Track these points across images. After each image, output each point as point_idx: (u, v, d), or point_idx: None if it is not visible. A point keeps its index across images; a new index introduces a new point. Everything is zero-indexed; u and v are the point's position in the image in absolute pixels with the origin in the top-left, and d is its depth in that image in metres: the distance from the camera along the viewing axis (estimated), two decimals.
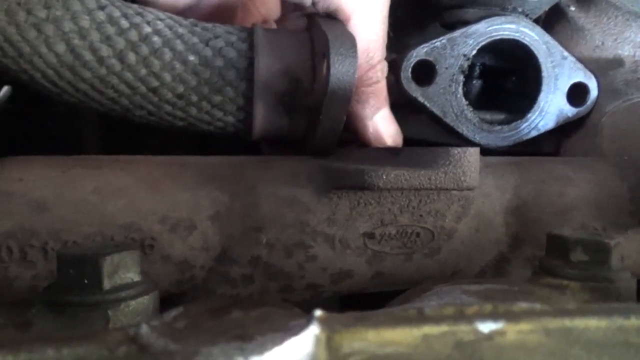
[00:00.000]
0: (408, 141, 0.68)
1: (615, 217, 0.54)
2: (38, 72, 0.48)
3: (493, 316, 0.18)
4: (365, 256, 0.51)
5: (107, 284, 0.26)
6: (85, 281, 0.25)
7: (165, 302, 0.52)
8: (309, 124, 0.53)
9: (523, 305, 0.19)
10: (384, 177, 0.45)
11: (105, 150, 0.86)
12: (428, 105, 0.59)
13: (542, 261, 0.36)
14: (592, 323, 0.19)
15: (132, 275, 0.28)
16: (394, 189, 0.47)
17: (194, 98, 0.50)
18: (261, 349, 0.17)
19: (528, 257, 0.55)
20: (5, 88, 0.96)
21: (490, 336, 0.18)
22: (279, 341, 0.18)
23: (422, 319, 0.19)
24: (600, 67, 0.65)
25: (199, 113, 0.52)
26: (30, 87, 0.50)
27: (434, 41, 0.59)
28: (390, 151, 0.49)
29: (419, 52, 0.58)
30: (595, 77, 0.63)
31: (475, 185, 0.47)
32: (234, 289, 0.51)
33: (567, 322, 0.19)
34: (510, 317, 0.19)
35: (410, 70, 0.58)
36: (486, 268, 0.55)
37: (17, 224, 0.43)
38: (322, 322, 0.19)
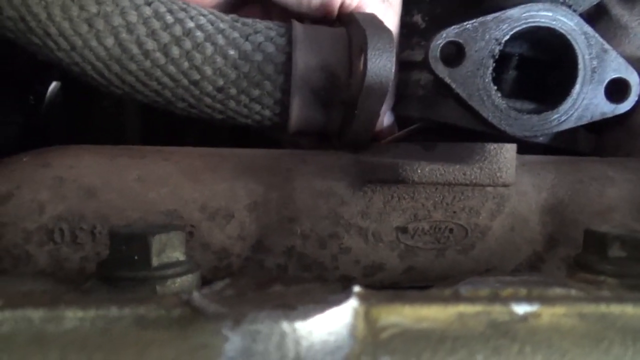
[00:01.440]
0: (436, 124, 0.68)
1: None
2: (88, 65, 0.51)
3: (528, 299, 0.19)
4: (398, 250, 0.52)
5: (155, 261, 0.28)
6: (135, 257, 0.27)
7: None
8: (344, 118, 0.54)
9: (558, 290, 0.20)
10: (419, 171, 0.45)
11: (145, 143, 0.89)
12: (454, 86, 0.58)
13: (578, 257, 0.36)
14: (629, 310, 0.19)
15: (178, 255, 0.29)
16: (429, 184, 0.47)
17: (233, 91, 0.52)
18: (304, 316, 0.18)
19: (564, 257, 0.54)
20: (54, 84, 1.01)
21: (524, 317, 0.19)
22: (321, 310, 0.19)
23: (457, 298, 0.20)
24: None
25: (237, 106, 0.54)
26: (80, 78, 0.53)
27: (465, 23, 0.58)
28: (425, 146, 0.50)
29: (449, 33, 0.58)
30: (639, 74, 0.61)
31: (511, 181, 0.47)
32: None
33: (603, 308, 0.19)
34: (546, 300, 0.19)
35: (439, 50, 0.58)
36: (520, 267, 0.54)
37: (68, 208, 0.46)
38: (361, 296, 0.20)
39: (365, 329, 0.19)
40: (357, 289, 0.20)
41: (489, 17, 0.59)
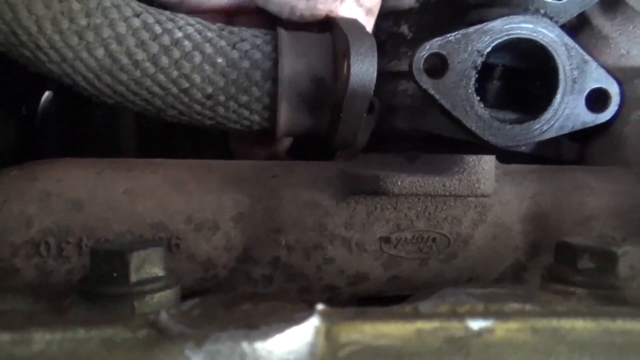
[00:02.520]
0: (423, 135, 0.69)
1: (637, 227, 0.54)
2: (79, 76, 0.52)
3: (484, 315, 0.20)
4: (381, 260, 0.52)
5: (133, 278, 0.28)
6: (114, 274, 0.28)
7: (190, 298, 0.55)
8: (331, 121, 0.55)
9: (514, 305, 0.20)
10: (399, 183, 0.46)
11: (140, 152, 0.90)
12: (438, 97, 0.59)
13: (550, 268, 0.37)
14: (579, 324, 0.19)
15: (157, 270, 0.30)
16: (410, 195, 0.48)
17: (222, 98, 0.54)
18: (265, 336, 0.19)
19: (546, 265, 0.55)
20: (47, 94, 1.02)
21: (479, 333, 0.19)
22: (282, 329, 0.19)
23: (416, 315, 0.20)
24: (625, 75, 0.65)
25: (226, 112, 0.55)
26: (71, 89, 0.54)
27: (448, 35, 0.59)
28: (409, 157, 0.51)
29: (433, 45, 0.59)
30: (619, 84, 0.62)
31: (489, 192, 0.48)
32: (255, 289, 0.53)
33: (554, 322, 0.20)
34: (500, 315, 0.20)
35: (422, 61, 0.59)
36: (503, 275, 0.55)
37: (55, 221, 0.47)
38: (323, 314, 0.21)
39: (325, 347, 0.20)
40: (320, 307, 0.21)
41: (471, 29, 0.60)
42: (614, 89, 0.62)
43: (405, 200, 0.51)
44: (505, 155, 0.61)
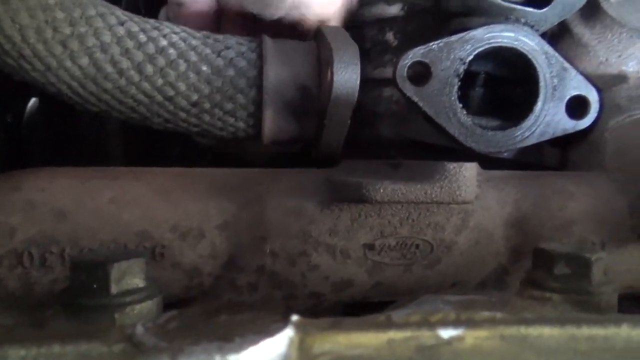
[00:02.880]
0: (408, 141, 0.70)
1: (616, 232, 0.55)
2: (64, 84, 0.52)
3: (454, 323, 0.20)
4: (366, 266, 0.53)
5: (114, 289, 0.29)
6: (95, 286, 0.28)
7: (176, 307, 0.55)
8: (316, 128, 0.56)
9: (484, 313, 0.21)
10: (382, 190, 0.47)
11: (127, 159, 0.90)
12: (421, 104, 0.61)
13: (528, 274, 0.37)
14: (546, 331, 0.20)
15: (138, 282, 0.30)
16: (393, 202, 0.49)
17: (207, 105, 0.54)
18: (238, 349, 0.19)
19: (525, 271, 0.56)
20: (33, 101, 1.02)
21: (449, 341, 0.20)
22: (255, 341, 0.20)
23: (389, 324, 0.21)
24: (604, 83, 0.66)
25: (212, 119, 0.55)
26: (56, 97, 0.55)
27: (431, 44, 0.61)
28: (391, 164, 0.51)
29: (416, 53, 0.60)
30: (598, 91, 0.63)
31: (470, 199, 0.49)
32: (240, 296, 0.53)
33: (522, 330, 0.20)
34: (470, 324, 0.20)
35: (405, 70, 0.60)
36: (486, 280, 0.56)
37: (38, 231, 0.47)
38: (297, 325, 0.22)
39: (299, 358, 0.20)
40: (295, 318, 0.21)
41: (453, 37, 0.62)
42: (593, 96, 0.63)
43: (388, 207, 0.52)
44: (488, 161, 0.62)
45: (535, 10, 0.63)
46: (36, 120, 1.02)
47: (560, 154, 0.69)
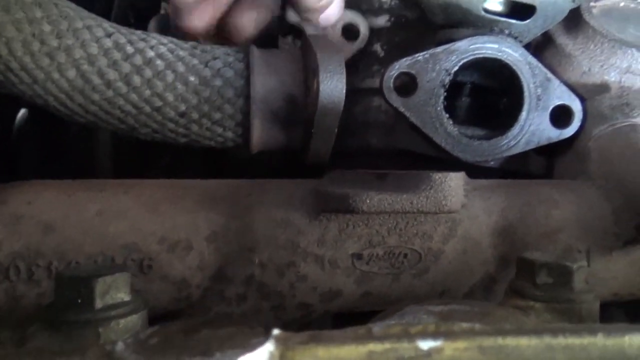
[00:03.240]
0: (397, 151, 0.71)
1: (601, 239, 0.56)
2: (51, 96, 0.52)
3: (434, 335, 0.20)
4: (354, 276, 0.53)
5: (98, 304, 0.29)
6: (79, 301, 0.28)
7: (165, 319, 0.54)
8: (304, 137, 0.56)
9: (463, 325, 0.21)
10: (368, 201, 0.47)
11: (116, 169, 0.90)
12: (408, 115, 0.62)
13: (511, 283, 0.38)
14: (523, 341, 0.20)
15: (123, 296, 0.30)
16: (379, 213, 0.49)
17: (195, 115, 0.54)
18: None
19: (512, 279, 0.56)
20: (22, 112, 1.01)
21: (428, 353, 0.20)
22: (236, 356, 0.20)
23: (369, 337, 0.21)
24: (588, 92, 0.67)
25: (200, 129, 0.56)
26: (43, 109, 0.55)
27: (417, 55, 0.62)
28: (378, 175, 0.52)
29: (402, 65, 0.61)
30: (581, 101, 0.65)
31: (456, 208, 0.49)
32: (229, 308, 0.53)
33: (500, 341, 0.20)
34: (449, 335, 0.21)
35: (392, 81, 0.61)
36: (474, 288, 0.56)
37: (24, 245, 0.47)
38: (278, 339, 0.22)
39: None
40: (276, 332, 0.22)
41: (439, 49, 0.63)
42: (576, 106, 0.64)
43: (376, 216, 0.52)
44: (475, 170, 0.63)
45: (519, 22, 0.64)
46: (26, 130, 1.02)
47: (546, 162, 0.70)
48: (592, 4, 0.71)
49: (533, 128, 0.63)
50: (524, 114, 0.63)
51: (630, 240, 0.54)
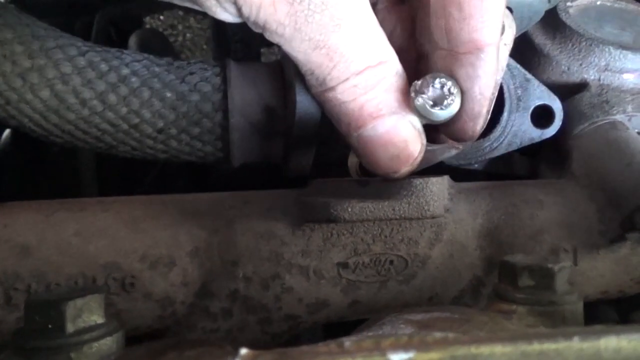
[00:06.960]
0: None
1: (586, 238, 0.56)
2: (25, 117, 0.51)
3: (405, 347, 0.20)
4: (340, 285, 0.53)
5: (70, 328, 0.28)
6: (50, 326, 0.27)
7: (149, 337, 0.54)
8: (285, 149, 0.56)
9: (437, 335, 0.21)
10: (349, 209, 0.47)
11: (101, 187, 0.89)
12: None
13: (495, 287, 0.37)
14: (497, 349, 0.20)
15: (96, 318, 0.30)
16: (361, 221, 0.49)
17: (174, 131, 0.54)
18: None
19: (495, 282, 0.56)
20: (6, 132, 1.00)
21: None
22: None
23: (340, 351, 0.21)
24: (568, 91, 0.68)
25: (179, 145, 0.55)
26: (19, 130, 0.54)
27: None
28: (360, 183, 0.52)
29: None
30: (561, 100, 0.65)
31: (439, 213, 0.49)
32: (215, 323, 0.52)
33: (473, 349, 0.20)
34: (421, 346, 0.20)
35: None
36: (463, 292, 0.56)
37: (2, 268, 0.46)
38: (246, 358, 0.21)
39: None
40: (243, 351, 0.21)
41: None
42: (556, 105, 0.64)
43: (361, 224, 0.51)
44: (461, 174, 0.62)
45: None
46: (8, 151, 1.01)
47: (530, 163, 0.70)
48: (568, 3, 0.71)
49: (515, 129, 0.63)
50: (505, 115, 0.63)
51: (616, 238, 0.54)
